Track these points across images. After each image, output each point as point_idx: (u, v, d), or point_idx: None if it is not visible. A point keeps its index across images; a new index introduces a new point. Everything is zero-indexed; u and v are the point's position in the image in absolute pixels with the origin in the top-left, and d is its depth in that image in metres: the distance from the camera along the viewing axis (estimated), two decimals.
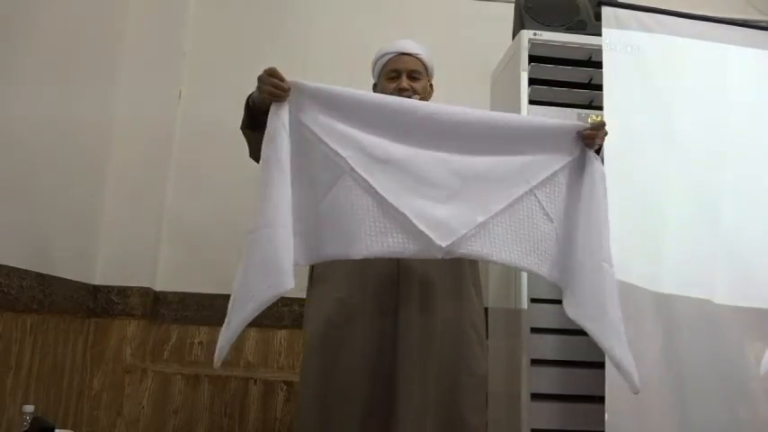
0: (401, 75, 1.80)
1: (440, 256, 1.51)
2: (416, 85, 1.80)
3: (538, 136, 1.63)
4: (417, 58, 1.83)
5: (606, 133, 1.64)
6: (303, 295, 1.90)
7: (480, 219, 1.54)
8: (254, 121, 1.58)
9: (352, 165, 1.50)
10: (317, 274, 1.77)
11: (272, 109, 1.49)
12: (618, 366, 1.54)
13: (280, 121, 1.47)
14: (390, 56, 1.83)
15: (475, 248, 1.54)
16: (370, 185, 1.49)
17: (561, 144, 1.63)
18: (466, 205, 1.54)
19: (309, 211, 1.49)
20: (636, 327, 1.87)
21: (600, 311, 1.54)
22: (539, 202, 1.60)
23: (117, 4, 2.55)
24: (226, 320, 1.45)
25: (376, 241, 1.48)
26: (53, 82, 2.04)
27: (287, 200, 1.44)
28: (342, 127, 1.51)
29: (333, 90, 1.53)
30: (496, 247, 1.55)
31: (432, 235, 1.49)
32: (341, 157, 1.50)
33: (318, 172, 1.50)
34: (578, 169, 1.63)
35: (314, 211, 1.49)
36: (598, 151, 1.67)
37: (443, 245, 1.50)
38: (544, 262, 1.60)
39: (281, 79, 1.48)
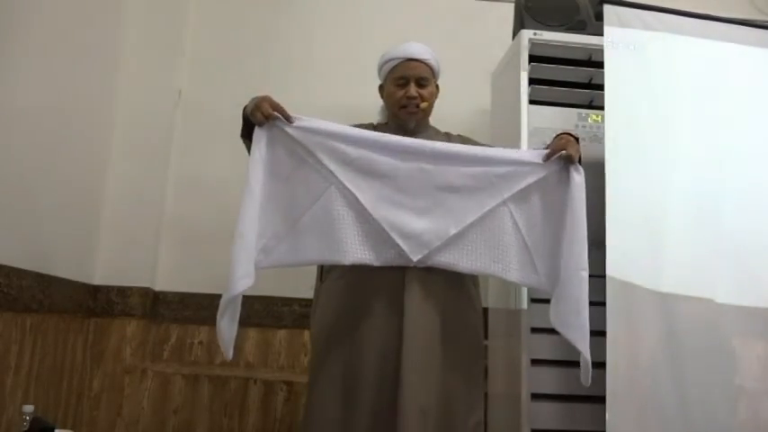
0: (409, 82, 1.81)
1: (411, 265, 1.65)
2: (424, 92, 1.82)
3: (513, 156, 1.75)
4: (425, 63, 1.83)
5: (569, 141, 1.69)
6: (303, 295, 1.91)
7: (453, 231, 1.66)
8: (250, 132, 1.65)
9: (339, 177, 1.63)
10: (326, 272, 1.79)
11: (255, 136, 1.62)
12: (586, 366, 1.65)
13: (257, 148, 1.61)
14: (398, 61, 1.82)
15: (444, 259, 1.67)
16: (355, 197, 1.62)
17: (536, 161, 1.72)
18: (441, 217, 1.66)
19: (297, 219, 1.62)
20: (636, 326, 1.87)
21: (575, 318, 1.64)
22: (510, 213, 1.69)
23: (117, 5, 2.55)
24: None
25: (356, 249, 1.62)
26: (53, 82, 2.04)
27: (254, 222, 1.58)
28: (330, 144, 1.64)
29: (320, 122, 1.65)
30: (465, 257, 1.68)
31: (405, 247, 1.63)
32: (328, 170, 1.63)
33: (307, 183, 1.63)
34: (554, 183, 1.71)
35: (301, 219, 1.62)
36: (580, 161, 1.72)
37: (414, 258, 1.64)
38: (512, 268, 1.69)
39: (282, 109, 1.60)
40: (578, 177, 1.69)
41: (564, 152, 1.68)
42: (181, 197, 2.67)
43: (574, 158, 1.68)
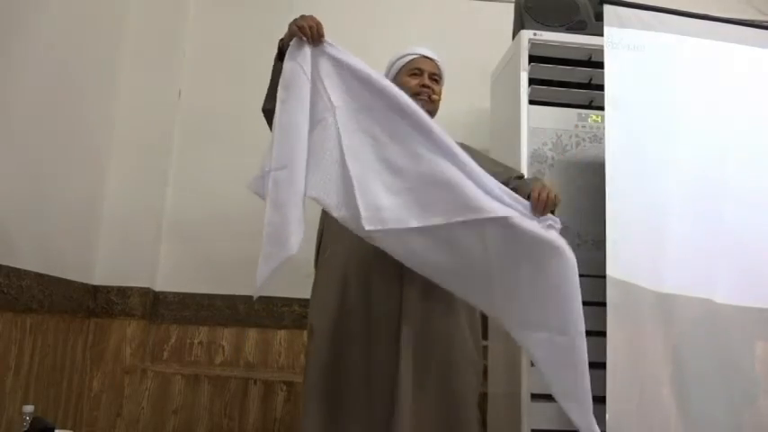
0: (424, 73, 1.84)
1: (362, 235, 1.54)
2: (436, 87, 1.85)
3: (505, 198, 1.55)
4: (437, 63, 1.88)
5: (549, 197, 1.54)
6: (303, 296, 1.90)
7: (414, 224, 1.51)
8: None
9: (337, 117, 1.56)
10: (323, 259, 1.79)
11: (291, 50, 1.57)
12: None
13: (298, 64, 1.55)
14: (413, 56, 1.87)
15: (392, 247, 1.55)
16: (342, 142, 1.55)
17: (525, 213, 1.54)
18: (411, 205, 1.52)
19: (298, 144, 1.54)
20: (636, 326, 1.87)
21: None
22: (482, 232, 1.51)
23: (117, 4, 2.55)
24: (263, 255, 1.47)
25: (326, 190, 1.54)
26: (53, 82, 2.04)
27: (305, 143, 1.51)
28: (347, 81, 1.58)
29: (351, 56, 1.60)
30: (413, 253, 1.55)
31: (363, 214, 1.51)
32: (332, 104, 1.57)
33: (312, 108, 1.55)
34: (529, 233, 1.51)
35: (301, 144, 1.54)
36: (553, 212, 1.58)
37: (366, 227, 1.50)
38: (464, 286, 1.59)
39: (320, 27, 1.59)
40: (565, 254, 1.49)
41: (552, 202, 1.54)
42: (181, 197, 2.67)
43: (542, 207, 1.53)
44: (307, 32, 1.57)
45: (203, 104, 2.74)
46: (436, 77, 1.86)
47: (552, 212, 1.57)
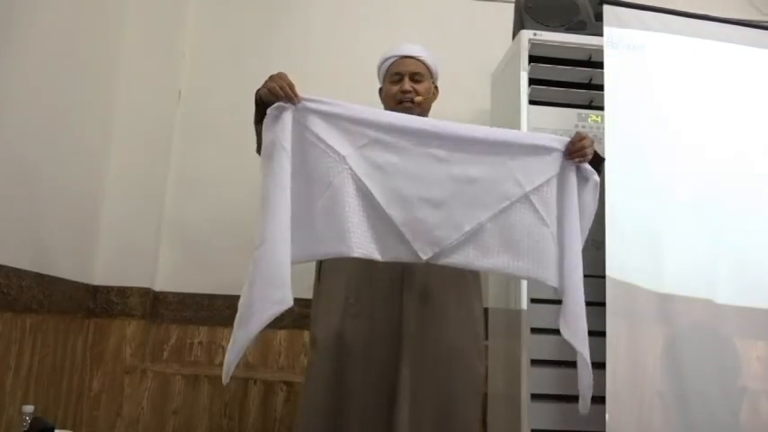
0: (404, 77, 1.82)
1: (422, 262, 1.56)
2: (419, 87, 1.82)
3: (531, 145, 1.65)
4: (419, 60, 1.84)
5: (591, 142, 1.65)
6: (303, 295, 1.90)
7: (467, 228, 1.57)
8: (263, 116, 1.58)
9: (350, 164, 1.53)
10: (324, 271, 1.78)
11: (268, 121, 1.49)
12: (586, 368, 1.61)
13: (276, 135, 1.48)
14: (393, 59, 1.85)
15: (457, 259, 1.58)
16: (366, 186, 1.52)
17: (553, 154, 1.65)
18: (456, 211, 1.57)
19: (307, 209, 1.51)
20: (636, 326, 1.88)
21: (581, 323, 1.61)
22: (533, 206, 1.61)
23: (117, 4, 2.55)
24: (231, 338, 1.45)
25: (364, 242, 1.52)
26: (53, 81, 2.04)
27: (286, 216, 1.44)
28: (339, 126, 1.54)
29: (333, 102, 1.56)
30: (481, 255, 1.58)
31: (415, 245, 1.54)
32: (339, 155, 1.52)
33: (316, 170, 1.52)
34: (568, 179, 1.65)
35: (312, 209, 1.51)
36: (599, 164, 1.69)
37: (424, 257, 1.55)
38: (537, 265, 1.61)
39: (292, 87, 1.49)
40: (590, 178, 1.66)
41: (580, 144, 1.64)
42: (181, 197, 2.68)
43: (581, 152, 1.64)
44: (280, 94, 1.48)
45: (203, 104, 2.74)
46: (418, 77, 1.82)
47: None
